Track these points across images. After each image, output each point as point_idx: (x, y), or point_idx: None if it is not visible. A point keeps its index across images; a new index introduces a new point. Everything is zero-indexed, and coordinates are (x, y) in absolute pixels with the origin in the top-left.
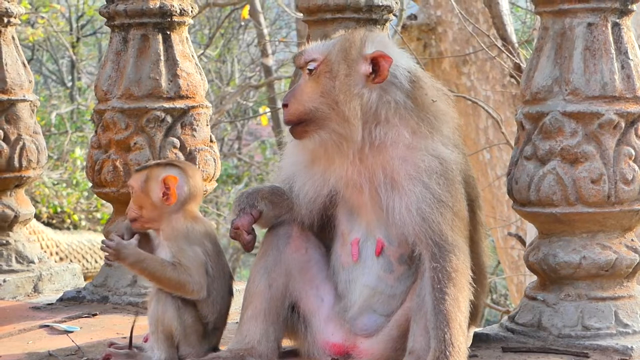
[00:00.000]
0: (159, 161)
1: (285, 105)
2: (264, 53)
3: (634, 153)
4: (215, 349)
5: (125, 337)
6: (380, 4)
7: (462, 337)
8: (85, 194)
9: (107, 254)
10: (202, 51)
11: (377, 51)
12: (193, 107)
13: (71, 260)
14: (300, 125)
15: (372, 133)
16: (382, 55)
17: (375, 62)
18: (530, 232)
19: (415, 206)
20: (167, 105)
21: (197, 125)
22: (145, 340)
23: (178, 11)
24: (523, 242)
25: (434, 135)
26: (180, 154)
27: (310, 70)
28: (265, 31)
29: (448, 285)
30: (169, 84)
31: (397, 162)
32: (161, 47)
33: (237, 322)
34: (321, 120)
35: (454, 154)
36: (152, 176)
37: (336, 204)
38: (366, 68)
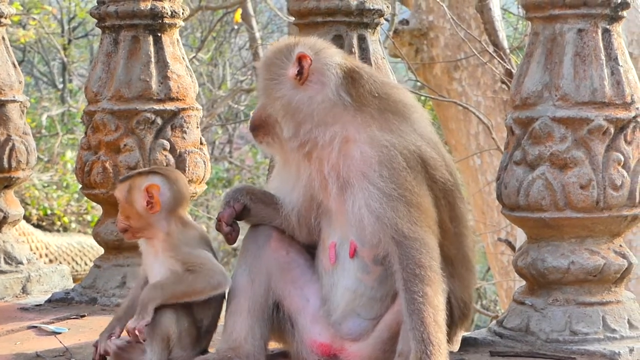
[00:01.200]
0: (140, 170)
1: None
2: (255, 57)
3: (622, 159)
4: (205, 351)
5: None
6: (372, 8)
7: (440, 333)
8: (76, 196)
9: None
10: (194, 54)
11: (298, 52)
12: (183, 109)
13: (61, 262)
14: (255, 131)
15: (311, 133)
16: (302, 55)
17: (300, 63)
18: (520, 237)
19: (364, 204)
20: (157, 107)
21: (187, 128)
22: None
23: (169, 13)
24: (513, 248)
25: (376, 125)
26: (170, 156)
27: None
28: (257, 35)
29: (414, 282)
30: (160, 86)
31: (339, 159)
32: (152, 48)
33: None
34: (265, 125)
35: (399, 139)
36: (134, 186)
37: (319, 212)
38: (293, 71)
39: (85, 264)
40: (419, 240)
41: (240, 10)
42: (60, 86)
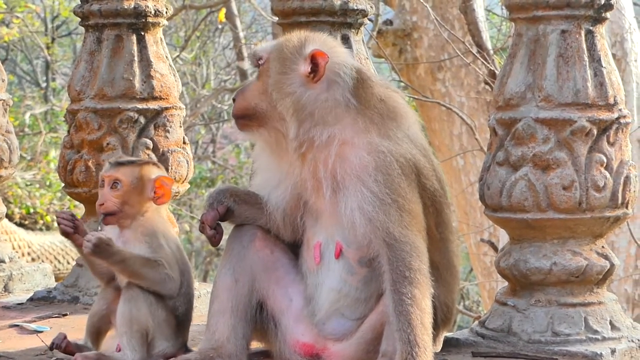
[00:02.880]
0: (144, 160)
1: (234, 100)
2: (239, 56)
3: (605, 160)
4: (186, 345)
5: None
6: (355, 8)
7: (426, 335)
8: (59, 194)
9: (87, 249)
10: (177, 53)
11: (314, 49)
12: (166, 108)
13: (43, 261)
14: (244, 119)
15: (309, 132)
16: (319, 52)
17: (314, 61)
18: (503, 238)
19: (357, 206)
20: (140, 106)
21: (170, 127)
22: (118, 350)
23: (152, 12)
24: (495, 249)
25: (375, 130)
26: (152, 155)
27: (258, 68)
28: (241, 34)
29: (404, 284)
30: (143, 85)
31: (335, 161)
32: (135, 47)
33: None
34: (262, 117)
35: (396, 146)
36: (145, 174)
37: (304, 211)
38: (305, 68)
39: (68, 263)
40: (410, 243)
41: (224, 10)
42: (44, 85)
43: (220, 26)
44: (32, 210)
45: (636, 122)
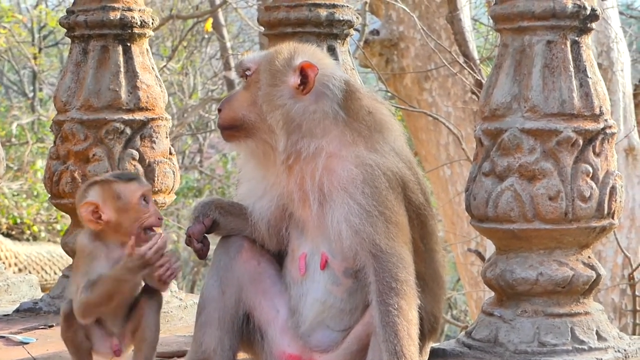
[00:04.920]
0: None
1: (219, 110)
2: (226, 66)
3: (591, 170)
4: None
5: None
6: (341, 19)
7: (412, 347)
8: (46, 205)
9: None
10: (164, 63)
11: (303, 61)
12: (152, 119)
13: (30, 272)
14: (231, 130)
15: (296, 145)
16: (308, 64)
17: (303, 73)
18: (490, 248)
19: (344, 218)
20: (126, 117)
21: (157, 138)
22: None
23: (139, 23)
24: (483, 258)
25: (363, 143)
26: (139, 166)
27: (246, 79)
28: (228, 44)
29: (390, 295)
30: (129, 96)
31: (323, 173)
32: (121, 58)
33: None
34: (250, 128)
35: (383, 159)
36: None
37: (289, 222)
38: (295, 79)
39: (55, 273)
40: (396, 255)
41: (211, 20)
42: (31, 95)
43: (207, 36)
44: (19, 221)
45: (622, 132)
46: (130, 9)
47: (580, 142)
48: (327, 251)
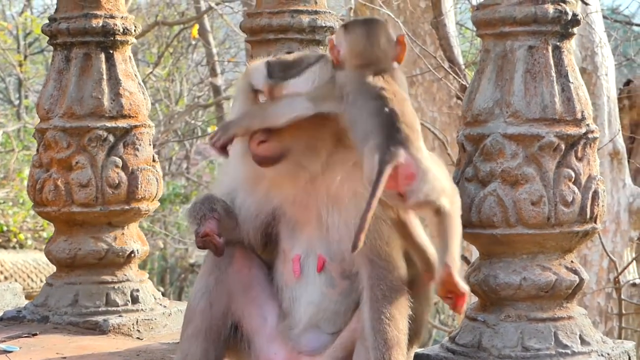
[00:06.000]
0: None
1: (262, 141)
2: (212, 72)
3: (573, 175)
4: None
5: (64, 357)
6: (324, 25)
7: (401, 356)
8: (32, 212)
9: None
10: (150, 70)
11: None
12: (135, 126)
13: (16, 280)
14: (274, 160)
15: (327, 160)
16: None
17: None
18: (476, 253)
19: (352, 222)
20: (109, 124)
21: (140, 145)
22: None
23: (121, 30)
24: (469, 263)
25: None
26: (122, 174)
27: None
28: (214, 51)
29: (383, 303)
30: (112, 103)
31: (342, 180)
32: (104, 66)
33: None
34: (290, 155)
35: None
36: None
37: (278, 221)
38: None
39: (41, 281)
40: (392, 262)
41: (197, 26)
42: (16, 102)
43: (193, 42)
44: (5, 228)
45: (607, 136)
46: (112, 16)
47: (563, 146)
48: (324, 253)
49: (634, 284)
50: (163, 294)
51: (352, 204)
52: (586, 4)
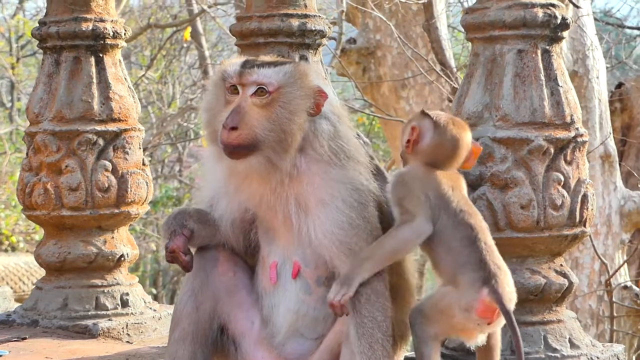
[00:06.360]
0: None
1: (233, 128)
2: (205, 75)
3: (563, 179)
4: None
5: None
6: (313, 29)
7: (387, 358)
8: (24, 215)
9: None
10: (143, 73)
11: (318, 87)
12: (125, 130)
13: (7, 283)
14: (246, 149)
15: (296, 162)
16: (321, 91)
17: (317, 98)
18: None
19: (330, 230)
20: (99, 128)
21: (130, 149)
22: None
23: (111, 34)
24: None
25: (351, 165)
26: (112, 177)
27: (261, 94)
28: (207, 53)
29: (366, 306)
30: (101, 107)
31: (310, 190)
32: (93, 69)
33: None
34: (262, 147)
35: (368, 183)
36: None
37: (256, 227)
38: (311, 104)
39: (32, 284)
40: None
41: (189, 29)
42: (9, 105)
43: (185, 45)
44: None
45: (599, 139)
46: (102, 20)
47: (552, 150)
48: (299, 260)
49: (625, 287)
50: (155, 297)
51: (321, 212)
52: (577, 6)
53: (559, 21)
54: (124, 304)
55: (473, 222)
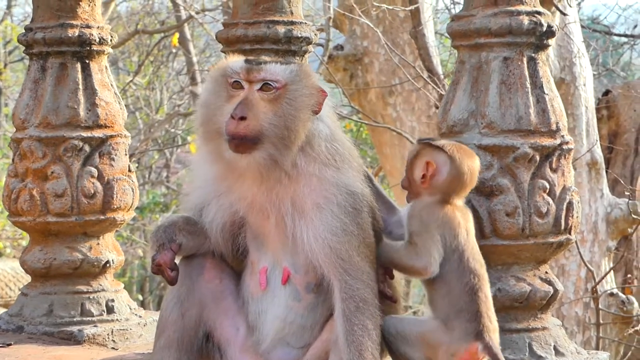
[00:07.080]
0: None
1: (242, 118)
2: (193, 81)
3: (548, 186)
4: None
5: None
6: (299, 36)
7: None
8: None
9: None
10: (131, 78)
11: (320, 87)
12: (111, 136)
13: None
14: (251, 142)
15: (297, 161)
16: (322, 90)
17: (319, 96)
18: None
19: (322, 235)
20: (85, 134)
21: (116, 155)
22: None
23: (97, 40)
24: None
25: (346, 168)
26: (98, 184)
27: (267, 89)
28: (195, 59)
29: (356, 314)
30: (88, 113)
31: (307, 192)
32: (80, 75)
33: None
34: (266, 142)
35: (362, 187)
36: None
37: (245, 231)
38: (314, 102)
39: (19, 290)
40: (365, 274)
41: (177, 35)
42: None
43: (173, 51)
44: None
45: (585, 146)
46: (88, 26)
47: (537, 158)
48: (289, 265)
49: (611, 294)
50: (142, 303)
51: (315, 215)
52: (564, 14)
53: (544, 29)
54: (110, 310)
55: (478, 272)
